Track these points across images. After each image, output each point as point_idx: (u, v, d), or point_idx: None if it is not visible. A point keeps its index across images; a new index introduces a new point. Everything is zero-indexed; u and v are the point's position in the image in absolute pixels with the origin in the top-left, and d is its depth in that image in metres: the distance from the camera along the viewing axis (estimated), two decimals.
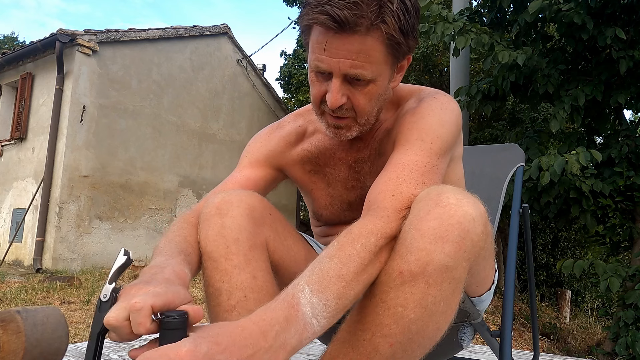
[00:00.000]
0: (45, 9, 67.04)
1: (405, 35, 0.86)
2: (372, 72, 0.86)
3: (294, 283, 0.70)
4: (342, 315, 0.72)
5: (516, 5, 4.82)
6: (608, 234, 4.64)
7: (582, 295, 9.54)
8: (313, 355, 1.96)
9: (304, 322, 0.65)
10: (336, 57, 0.84)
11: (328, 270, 0.70)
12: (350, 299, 0.71)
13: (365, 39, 0.82)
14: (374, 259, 0.74)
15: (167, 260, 0.77)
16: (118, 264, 0.68)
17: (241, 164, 1.10)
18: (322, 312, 0.67)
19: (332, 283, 0.69)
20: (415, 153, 0.86)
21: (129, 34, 7.17)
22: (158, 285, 0.64)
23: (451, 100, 0.97)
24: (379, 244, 0.75)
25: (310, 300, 0.67)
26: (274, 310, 0.65)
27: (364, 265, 0.73)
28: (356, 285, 0.72)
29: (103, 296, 0.64)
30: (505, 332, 1.12)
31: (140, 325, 0.59)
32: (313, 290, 0.68)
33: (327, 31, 0.83)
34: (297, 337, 0.65)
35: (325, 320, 0.68)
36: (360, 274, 0.72)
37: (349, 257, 0.72)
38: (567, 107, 4.17)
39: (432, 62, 8.30)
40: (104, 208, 6.85)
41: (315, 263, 0.72)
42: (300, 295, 0.67)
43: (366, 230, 0.76)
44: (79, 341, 2.69)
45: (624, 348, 3.76)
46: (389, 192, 0.81)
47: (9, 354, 0.84)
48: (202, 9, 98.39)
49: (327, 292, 0.68)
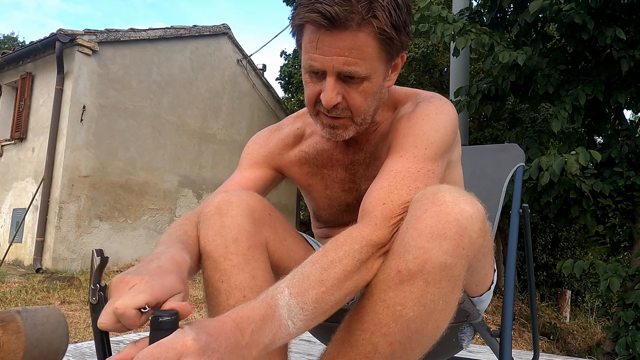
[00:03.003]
0: (45, 9, 67.05)
1: (398, 31, 0.86)
2: (366, 68, 0.85)
3: (275, 284, 0.71)
4: (322, 320, 0.73)
5: (516, 5, 4.82)
6: (608, 234, 4.64)
7: (582, 295, 9.54)
8: (313, 355, 1.96)
9: (279, 323, 0.67)
10: (329, 55, 0.84)
11: (309, 274, 0.72)
12: (330, 305, 0.72)
13: (357, 34, 0.82)
14: (359, 267, 0.75)
15: (166, 248, 0.77)
16: (95, 266, 0.68)
17: (241, 166, 1.10)
18: (298, 314, 0.69)
19: (311, 287, 0.71)
20: (408, 160, 0.86)
21: (129, 34, 7.17)
22: (147, 277, 0.64)
23: (447, 104, 0.96)
24: (363, 251, 0.75)
25: (287, 303, 0.69)
26: (252, 309, 0.67)
27: (347, 271, 0.74)
28: (337, 291, 0.73)
29: (92, 300, 0.65)
30: (505, 332, 1.12)
31: (130, 325, 0.60)
32: (292, 293, 0.70)
33: (318, 29, 0.83)
34: (270, 336, 0.67)
35: (301, 322, 0.69)
36: (342, 280, 0.73)
37: (331, 263, 0.73)
38: (568, 106, 4.17)
39: (432, 62, 8.30)
40: (104, 208, 6.85)
41: (298, 267, 0.74)
42: (279, 297, 0.69)
43: (351, 237, 0.77)
44: (79, 341, 2.69)
45: (624, 348, 3.76)
46: (380, 201, 0.82)
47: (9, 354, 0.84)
48: (202, 9, 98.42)
49: (305, 295, 0.70)
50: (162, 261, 0.71)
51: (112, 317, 0.60)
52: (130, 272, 0.66)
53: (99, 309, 0.64)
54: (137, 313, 0.59)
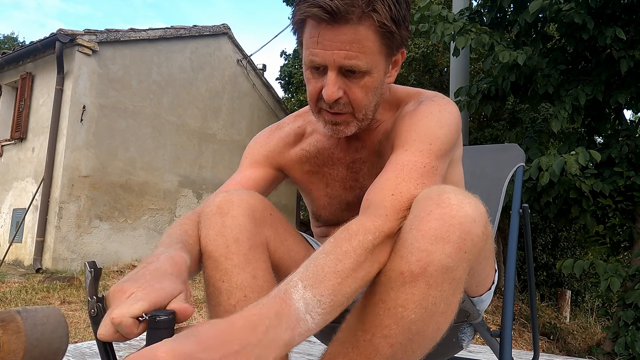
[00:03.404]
0: (45, 9, 67.05)
1: (398, 25, 0.86)
2: (366, 62, 0.86)
3: (286, 279, 0.68)
4: (338, 313, 0.70)
5: (516, 5, 4.82)
6: (608, 234, 4.64)
7: (582, 295, 9.54)
8: (313, 355, 1.96)
9: (296, 317, 0.63)
10: (330, 49, 0.84)
11: (323, 265, 0.69)
12: (346, 296, 0.70)
13: (358, 28, 0.83)
14: (371, 257, 0.74)
15: (165, 249, 0.77)
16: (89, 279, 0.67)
17: (242, 166, 1.10)
18: (316, 307, 0.65)
19: (326, 279, 0.68)
20: (414, 154, 0.86)
21: (129, 34, 7.17)
22: (145, 284, 0.63)
23: (450, 103, 0.97)
24: (376, 242, 0.74)
25: (303, 296, 0.65)
26: (264, 306, 0.63)
27: (360, 262, 0.72)
28: (352, 282, 0.70)
29: (92, 312, 0.65)
30: (505, 332, 1.12)
31: (128, 334, 0.59)
32: (307, 285, 0.66)
33: (319, 24, 0.84)
34: (289, 332, 0.62)
35: (319, 316, 0.66)
36: (356, 270, 0.71)
37: (345, 253, 0.71)
38: (568, 106, 4.17)
39: (432, 62, 8.30)
40: (104, 208, 6.85)
41: (310, 259, 0.71)
42: (292, 291, 0.65)
43: (364, 227, 0.75)
44: (79, 341, 2.69)
45: (623, 348, 3.76)
46: (389, 192, 0.81)
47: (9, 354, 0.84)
48: (202, 9, 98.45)
49: (321, 287, 0.67)
50: (160, 263, 0.70)
51: (111, 328, 0.60)
52: (127, 280, 0.65)
53: (98, 320, 0.63)
54: (134, 322, 0.59)
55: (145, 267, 0.69)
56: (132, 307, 0.59)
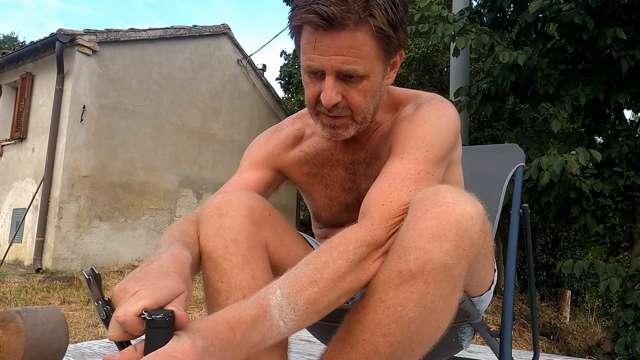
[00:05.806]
0: (45, 9, 67.05)
1: (395, 29, 0.86)
2: (364, 67, 0.86)
3: (269, 285, 0.72)
4: (317, 320, 0.74)
5: (516, 5, 4.82)
6: (608, 234, 4.64)
7: (582, 295, 9.54)
8: (313, 355, 1.96)
9: (270, 322, 0.68)
10: (327, 55, 0.84)
11: (302, 275, 0.73)
12: (324, 305, 0.73)
13: (355, 33, 0.83)
14: (354, 267, 0.75)
15: (166, 248, 0.78)
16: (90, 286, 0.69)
17: (241, 167, 1.10)
18: (289, 315, 0.70)
19: (303, 288, 0.71)
20: (409, 161, 0.86)
21: (129, 34, 7.17)
22: (147, 283, 0.64)
23: (448, 106, 0.96)
24: (358, 252, 0.75)
25: (279, 303, 0.69)
26: (243, 310, 0.68)
27: (341, 272, 0.74)
28: (330, 292, 0.73)
29: (102, 316, 0.66)
30: (505, 332, 1.12)
31: (134, 332, 0.60)
32: (284, 293, 0.70)
33: (316, 30, 0.84)
34: (261, 336, 0.68)
35: (293, 323, 0.70)
36: (336, 281, 0.73)
37: (324, 263, 0.74)
38: (568, 106, 4.16)
39: (432, 62, 8.29)
40: (104, 208, 6.85)
41: (292, 268, 0.75)
42: (270, 297, 0.70)
43: (345, 238, 0.77)
44: (79, 341, 2.69)
45: (623, 348, 3.75)
46: (379, 202, 0.82)
47: (9, 354, 0.84)
48: (202, 9, 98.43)
49: (297, 296, 0.71)
50: (162, 261, 0.71)
51: (119, 328, 0.61)
52: (130, 279, 0.66)
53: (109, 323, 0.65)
54: (138, 319, 0.60)
55: (147, 265, 0.70)
56: (135, 305, 0.60)
